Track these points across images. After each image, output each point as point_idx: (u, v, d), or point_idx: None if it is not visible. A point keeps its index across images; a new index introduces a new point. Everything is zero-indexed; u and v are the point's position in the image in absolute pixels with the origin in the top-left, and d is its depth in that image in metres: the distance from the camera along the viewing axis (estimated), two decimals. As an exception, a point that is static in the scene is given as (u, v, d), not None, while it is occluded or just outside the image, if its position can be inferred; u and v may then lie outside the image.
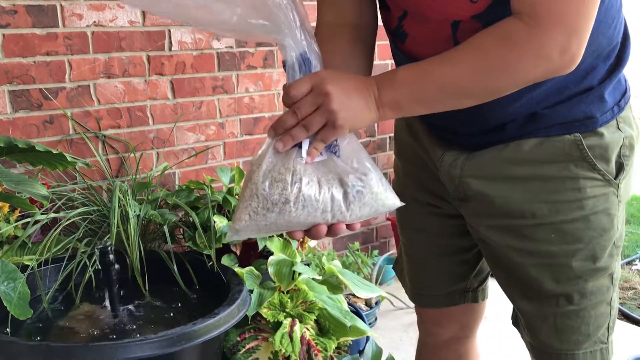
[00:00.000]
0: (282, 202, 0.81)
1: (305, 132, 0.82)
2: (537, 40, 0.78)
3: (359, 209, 0.85)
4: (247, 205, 0.82)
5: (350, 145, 0.87)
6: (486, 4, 0.83)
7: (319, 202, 0.82)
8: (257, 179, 0.82)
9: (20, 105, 1.82)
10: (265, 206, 0.82)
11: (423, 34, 0.91)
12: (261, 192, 0.82)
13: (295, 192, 0.81)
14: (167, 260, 1.65)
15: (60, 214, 1.66)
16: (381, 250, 2.75)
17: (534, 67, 0.80)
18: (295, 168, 0.83)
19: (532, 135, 0.95)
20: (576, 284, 0.97)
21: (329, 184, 0.83)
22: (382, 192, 0.87)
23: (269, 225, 0.83)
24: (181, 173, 2.16)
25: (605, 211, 0.96)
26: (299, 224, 0.83)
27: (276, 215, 0.82)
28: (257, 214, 0.82)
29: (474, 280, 1.21)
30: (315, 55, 0.85)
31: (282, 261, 1.72)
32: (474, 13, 0.85)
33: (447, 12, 0.86)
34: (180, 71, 2.08)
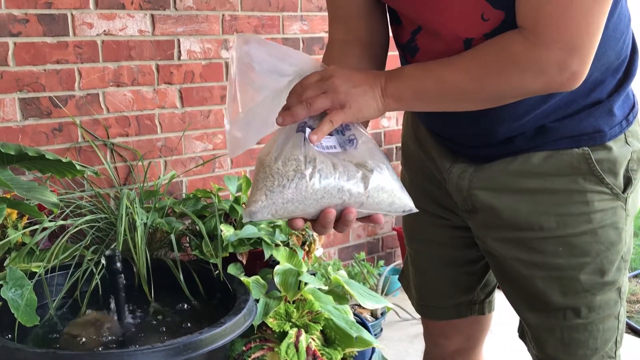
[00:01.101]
0: (298, 177, 0.80)
1: (307, 110, 0.82)
2: (533, 55, 0.79)
3: (377, 193, 0.83)
4: (262, 186, 0.81)
5: (366, 144, 0.87)
6: (497, 22, 0.84)
7: (336, 179, 0.81)
8: (269, 162, 0.82)
9: (30, 113, 1.83)
10: (281, 183, 0.80)
11: (435, 49, 0.92)
12: (275, 171, 0.81)
13: (310, 169, 0.80)
14: (173, 268, 1.65)
15: (68, 222, 1.66)
16: (387, 261, 2.74)
17: (531, 81, 0.81)
18: (307, 152, 0.82)
19: (541, 149, 0.95)
20: (584, 297, 0.97)
21: (345, 167, 0.82)
22: (398, 190, 0.86)
23: (285, 204, 0.81)
24: (188, 181, 2.16)
25: (613, 225, 0.96)
26: (316, 203, 0.81)
27: (293, 191, 0.80)
28: (272, 192, 0.80)
29: (481, 292, 1.20)
30: None
31: (288, 271, 1.72)
32: (486, 31, 0.86)
33: (459, 30, 0.87)
34: (189, 80, 2.09)
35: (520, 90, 0.84)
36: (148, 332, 1.52)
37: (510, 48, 0.81)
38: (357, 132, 0.88)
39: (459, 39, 0.88)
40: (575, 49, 0.78)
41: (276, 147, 0.83)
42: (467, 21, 0.86)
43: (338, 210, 0.82)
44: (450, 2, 0.85)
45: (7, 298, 1.37)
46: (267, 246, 1.79)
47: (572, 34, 0.77)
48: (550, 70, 0.79)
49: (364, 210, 0.84)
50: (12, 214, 1.64)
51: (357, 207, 0.83)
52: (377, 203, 0.84)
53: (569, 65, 0.79)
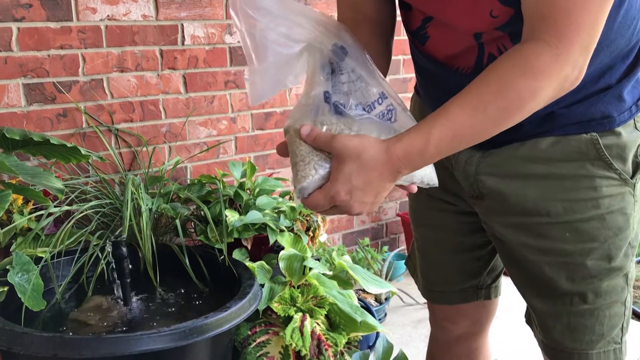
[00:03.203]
0: None
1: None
2: (560, 62, 0.76)
3: None
4: (309, 161, 0.78)
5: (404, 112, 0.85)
6: (506, 18, 0.83)
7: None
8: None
9: (34, 99, 1.83)
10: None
11: (446, 38, 0.91)
12: None
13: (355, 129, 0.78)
14: (179, 253, 1.66)
15: (73, 207, 1.67)
16: (391, 246, 2.75)
17: (558, 90, 0.79)
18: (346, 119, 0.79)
19: (549, 134, 0.95)
20: (591, 283, 0.97)
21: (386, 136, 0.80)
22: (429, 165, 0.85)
23: None
24: (193, 167, 2.16)
25: (621, 210, 0.96)
26: None
27: None
28: (322, 166, 0.78)
29: (487, 277, 1.21)
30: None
31: (293, 256, 1.72)
32: (496, 26, 0.85)
33: (469, 24, 0.86)
34: (192, 65, 2.08)
35: (547, 100, 0.80)
36: (154, 317, 1.53)
37: (537, 62, 0.76)
38: (394, 99, 0.84)
39: (469, 32, 0.88)
40: (586, 47, 0.77)
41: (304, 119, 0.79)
42: (475, 17, 0.85)
43: None
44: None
45: (14, 283, 1.37)
46: (272, 232, 1.80)
47: (586, 32, 0.76)
48: (571, 73, 0.78)
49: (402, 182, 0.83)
50: (18, 199, 1.64)
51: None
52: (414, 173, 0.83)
53: (580, 64, 0.78)
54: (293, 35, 0.80)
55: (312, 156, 0.79)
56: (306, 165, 0.79)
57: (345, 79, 0.81)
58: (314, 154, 0.79)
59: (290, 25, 0.78)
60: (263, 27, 0.78)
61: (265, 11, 0.77)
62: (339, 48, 0.80)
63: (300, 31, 0.79)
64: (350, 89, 0.81)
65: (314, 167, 0.78)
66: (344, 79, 0.81)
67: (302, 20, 0.79)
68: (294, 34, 0.79)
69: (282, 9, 0.78)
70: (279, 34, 0.79)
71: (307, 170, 0.78)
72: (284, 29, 0.79)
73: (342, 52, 0.80)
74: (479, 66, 0.91)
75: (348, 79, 0.81)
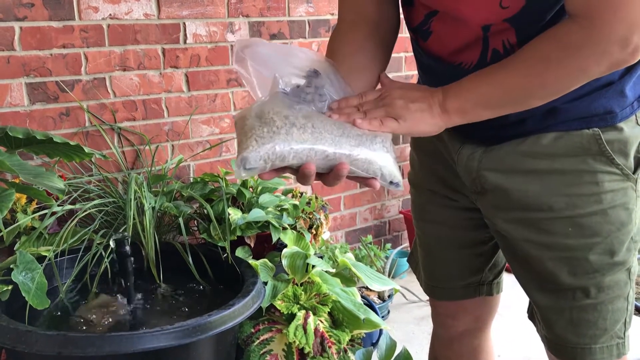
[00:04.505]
0: (288, 126, 0.80)
1: (362, 117, 0.85)
2: (593, 40, 0.78)
3: (369, 150, 0.84)
4: (251, 134, 0.80)
5: None
6: (517, 9, 0.84)
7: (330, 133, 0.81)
8: (257, 114, 0.82)
9: (37, 98, 1.83)
10: (271, 130, 0.80)
11: (450, 33, 0.91)
12: (264, 120, 0.81)
13: (301, 120, 0.81)
14: (182, 251, 1.66)
15: (76, 206, 1.67)
16: (394, 244, 2.75)
17: (596, 65, 0.81)
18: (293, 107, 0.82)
19: (551, 129, 0.95)
20: (593, 277, 0.97)
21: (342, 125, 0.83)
22: (392, 160, 0.87)
23: (278, 149, 0.79)
24: (196, 165, 2.17)
25: (623, 205, 0.96)
26: (308, 152, 0.80)
27: (284, 137, 0.79)
28: (262, 137, 0.79)
29: (489, 273, 1.21)
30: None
31: (296, 254, 1.73)
32: (506, 17, 0.85)
33: (478, 17, 0.87)
34: (195, 64, 2.09)
35: (585, 76, 0.83)
36: (157, 315, 1.53)
37: (569, 37, 0.80)
38: None
39: (478, 25, 0.88)
40: (635, 24, 0.77)
41: (259, 104, 0.83)
42: (485, 8, 0.85)
43: (329, 165, 0.82)
44: None
45: (17, 281, 1.38)
46: (275, 229, 1.80)
47: (628, 10, 0.76)
48: (613, 49, 0.78)
49: (355, 169, 0.84)
50: (21, 198, 1.64)
51: (351, 163, 0.83)
52: (370, 162, 0.84)
53: (631, 40, 0.78)
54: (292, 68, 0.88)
55: (253, 130, 0.81)
56: (248, 139, 0.80)
57: (311, 91, 0.86)
58: (256, 128, 0.81)
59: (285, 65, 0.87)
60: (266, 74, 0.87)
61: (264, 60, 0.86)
62: (312, 71, 0.87)
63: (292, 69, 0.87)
64: (314, 99, 0.86)
65: (254, 139, 0.80)
66: (310, 90, 0.86)
67: (294, 61, 0.87)
68: (293, 64, 0.88)
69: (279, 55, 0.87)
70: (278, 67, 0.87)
71: (247, 142, 0.80)
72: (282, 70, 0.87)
73: (315, 73, 0.87)
74: (483, 61, 0.92)
75: (315, 91, 0.86)
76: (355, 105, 0.87)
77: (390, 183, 0.87)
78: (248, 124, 0.82)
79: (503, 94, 0.85)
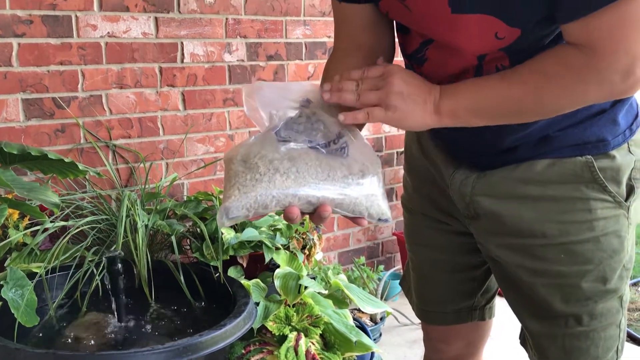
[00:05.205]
0: (271, 172, 0.80)
1: (355, 100, 0.84)
2: (596, 67, 0.78)
3: (356, 198, 0.83)
4: (234, 183, 0.80)
5: (359, 149, 0.87)
6: (513, 39, 0.84)
7: (313, 178, 0.81)
8: (241, 158, 0.82)
9: (32, 114, 1.83)
10: (254, 177, 0.80)
11: (446, 61, 0.92)
12: (248, 166, 0.81)
13: (286, 165, 0.80)
14: (174, 270, 1.65)
15: (69, 222, 1.66)
16: (387, 266, 2.74)
17: (596, 92, 0.81)
18: (283, 149, 0.82)
19: (544, 156, 0.95)
20: (586, 305, 0.97)
21: (327, 169, 0.82)
22: (380, 197, 0.86)
23: (261, 198, 0.80)
24: (190, 184, 2.17)
25: (616, 233, 0.96)
26: (291, 198, 0.80)
27: (266, 185, 0.79)
28: (245, 186, 0.80)
29: (482, 297, 1.21)
30: None
31: (289, 274, 1.72)
32: (501, 47, 0.86)
33: (475, 47, 0.87)
34: (191, 83, 2.10)
35: (582, 100, 0.84)
36: (148, 334, 1.52)
37: (572, 60, 0.79)
38: (351, 139, 0.88)
39: (473, 55, 0.89)
40: (637, 57, 0.77)
41: (246, 145, 0.83)
42: (480, 39, 0.86)
43: (312, 207, 0.82)
44: (463, 21, 0.84)
45: (7, 298, 1.37)
46: (268, 249, 1.79)
47: (632, 42, 0.76)
48: (614, 79, 0.79)
49: (340, 210, 0.84)
50: (14, 214, 1.64)
51: (334, 207, 0.83)
52: (354, 204, 0.84)
53: (634, 72, 0.78)
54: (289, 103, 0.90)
55: (237, 178, 0.81)
56: (231, 187, 0.81)
57: (302, 121, 0.87)
58: (239, 175, 0.81)
59: (282, 100, 0.89)
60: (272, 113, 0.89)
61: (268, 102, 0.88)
62: (305, 100, 0.89)
63: (288, 103, 0.89)
64: (305, 129, 0.87)
65: (237, 188, 0.80)
66: (301, 120, 0.87)
67: (290, 95, 0.90)
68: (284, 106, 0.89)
69: (277, 93, 0.90)
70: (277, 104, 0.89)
71: (230, 192, 0.80)
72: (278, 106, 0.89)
73: (307, 102, 0.88)
74: None
75: (306, 121, 0.87)
76: (356, 79, 0.86)
77: (379, 220, 0.87)
78: (233, 169, 0.82)
79: (499, 104, 0.85)
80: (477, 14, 0.82)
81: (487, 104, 0.85)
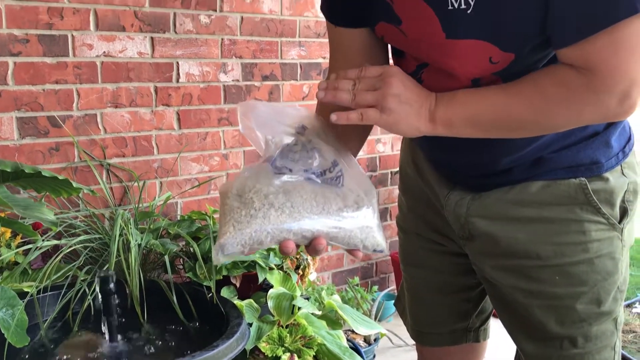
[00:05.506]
0: (266, 208, 0.79)
1: (350, 100, 0.83)
2: (594, 89, 0.78)
3: (351, 230, 0.83)
4: (230, 219, 0.80)
5: (354, 178, 0.87)
6: (507, 63, 0.85)
7: (308, 212, 0.80)
8: (235, 192, 0.81)
9: (27, 132, 1.83)
10: (249, 213, 0.79)
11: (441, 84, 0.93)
12: (243, 201, 0.80)
13: (281, 199, 0.80)
14: (166, 290, 1.64)
15: (61, 241, 1.65)
16: (381, 286, 2.74)
17: (592, 113, 0.81)
18: (278, 182, 0.82)
19: (539, 178, 0.96)
20: (581, 327, 0.97)
21: (322, 201, 0.82)
22: (375, 229, 0.85)
23: (255, 234, 0.79)
24: (183, 203, 2.16)
25: (610, 255, 0.97)
26: (286, 233, 0.80)
27: (261, 221, 0.79)
28: (240, 222, 0.79)
29: (476, 319, 1.20)
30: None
31: (282, 295, 1.71)
32: (495, 71, 0.86)
33: (469, 72, 0.88)
34: (186, 102, 2.10)
35: (578, 121, 0.84)
36: (140, 355, 1.50)
37: (571, 82, 0.79)
38: (346, 167, 0.88)
39: (467, 78, 0.89)
40: (635, 82, 0.77)
41: (241, 179, 0.83)
42: (474, 64, 0.86)
43: (307, 241, 0.82)
44: (457, 46, 0.85)
45: (-2, 318, 1.35)
46: (261, 269, 1.79)
47: (630, 66, 0.77)
48: (611, 102, 0.79)
49: (335, 243, 0.84)
50: (6, 232, 1.63)
51: (329, 240, 0.83)
52: (349, 237, 0.84)
53: (630, 96, 0.78)
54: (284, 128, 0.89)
55: (232, 214, 0.80)
56: (226, 223, 0.80)
57: (298, 149, 0.87)
58: (235, 211, 0.80)
59: (278, 125, 0.89)
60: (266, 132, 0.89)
61: (263, 121, 0.88)
62: (300, 127, 0.88)
63: (284, 128, 0.89)
64: (301, 157, 0.86)
65: (232, 225, 0.80)
66: (297, 148, 0.87)
67: (286, 120, 0.89)
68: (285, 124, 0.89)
69: (273, 115, 0.89)
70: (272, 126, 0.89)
71: (225, 228, 0.80)
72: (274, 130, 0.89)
73: (302, 129, 0.88)
74: None
75: (302, 149, 0.87)
76: (353, 79, 0.85)
77: (374, 251, 0.86)
78: (228, 205, 0.82)
79: (496, 117, 0.84)
80: (471, 40, 0.83)
81: (484, 115, 0.84)
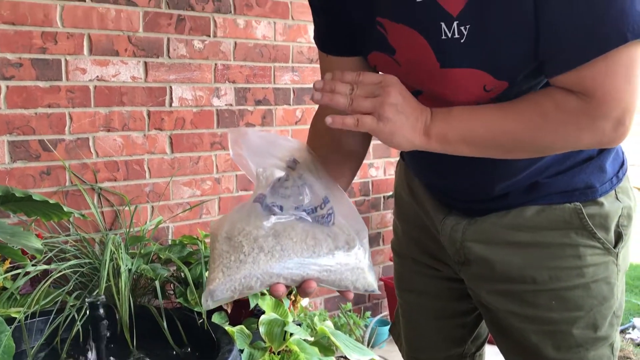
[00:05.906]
0: (256, 252, 0.78)
1: (347, 105, 0.80)
2: (591, 114, 0.79)
3: (341, 272, 0.82)
4: (219, 264, 0.79)
5: (345, 217, 0.86)
6: (500, 90, 0.85)
7: (298, 255, 0.79)
8: (225, 235, 0.80)
9: (18, 156, 1.82)
10: (238, 258, 0.78)
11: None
12: (232, 244, 0.79)
13: (270, 243, 0.79)
14: (157, 316, 1.62)
15: (51, 266, 1.63)
16: (374, 312, 2.71)
17: (588, 138, 0.81)
18: (267, 224, 0.81)
19: (534, 203, 0.96)
20: (577, 352, 0.96)
21: (312, 242, 0.81)
22: (365, 270, 0.84)
23: (245, 280, 0.78)
24: (175, 227, 2.15)
25: (605, 279, 0.96)
26: (276, 277, 0.79)
27: (250, 266, 0.78)
28: (229, 268, 0.78)
29: (472, 345, 1.19)
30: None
31: (274, 321, 1.70)
32: (489, 98, 0.86)
33: (462, 99, 0.87)
34: (179, 126, 2.10)
35: (574, 144, 0.84)
36: (129, 382, 1.47)
37: (568, 106, 0.79)
38: (337, 204, 0.87)
39: (462, 105, 0.89)
40: (628, 108, 0.78)
41: (231, 221, 0.81)
42: (468, 92, 0.86)
43: (297, 283, 0.81)
44: (451, 75, 0.85)
45: (-16, 344, 1.32)
46: (253, 295, 1.77)
47: (623, 93, 0.77)
48: (606, 128, 0.79)
49: (326, 286, 0.83)
50: (-6, 257, 1.60)
51: (319, 283, 0.82)
52: (340, 280, 0.83)
53: (624, 123, 0.79)
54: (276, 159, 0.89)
55: (221, 259, 0.80)
56: (216, 268, 0.79)
57: (289, 184, 0.86)
58: (224, 256, 0.80)
59: (269, 156, 0.88)
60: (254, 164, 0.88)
61: (254, 149, 0.87)
62: (292, 161, 0.87)
63: (275, 161, 0.88)
64: (292, 193, 0.85)
65: (221, 270, 0.79)
66: (288, 184, 0.86)
67: (277, 152, 0.88)
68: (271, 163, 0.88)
69: (265, 145, 0.88)
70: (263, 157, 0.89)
71: (215, 274, 0.79)
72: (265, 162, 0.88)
73: (293, 163, 0.87)
74: None
75: (293, 184, 0.86)
76: (350, 82, 0.82)
77: (365, 291, 0.85)
78: (217, 249, 0.81)
79: (492, 136, 0.83)
80: (465, 69, 0.83)
81: (479, 132, 0.83)
